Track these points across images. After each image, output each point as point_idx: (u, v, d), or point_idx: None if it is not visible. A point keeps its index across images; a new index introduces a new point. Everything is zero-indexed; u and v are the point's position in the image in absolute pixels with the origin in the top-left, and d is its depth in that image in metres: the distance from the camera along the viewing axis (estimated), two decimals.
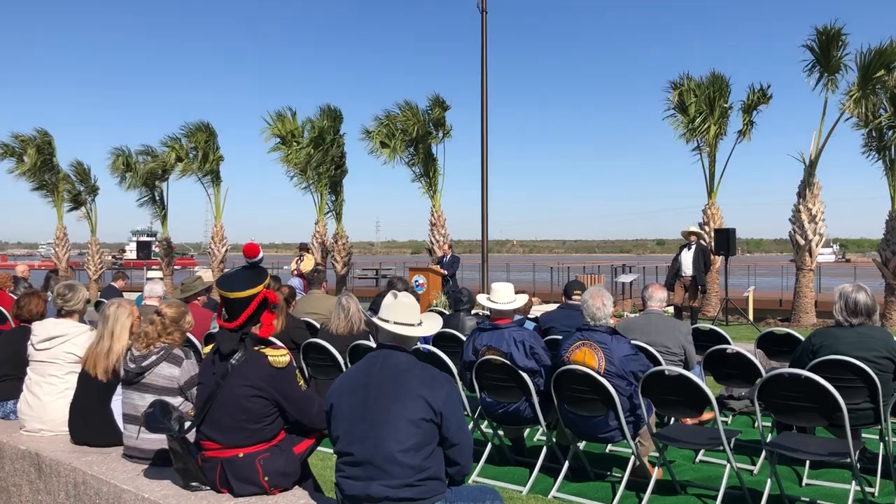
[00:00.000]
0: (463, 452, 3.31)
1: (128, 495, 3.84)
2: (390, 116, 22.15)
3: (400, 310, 3.48)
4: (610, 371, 5.03)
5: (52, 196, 26.95)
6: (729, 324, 15.68)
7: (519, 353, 5.42)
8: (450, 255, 17.17)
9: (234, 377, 3.62)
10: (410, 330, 3.45)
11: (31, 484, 4.63)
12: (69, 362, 4.92)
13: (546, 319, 7.19)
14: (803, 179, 16.60)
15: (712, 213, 18.91)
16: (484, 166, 16.16)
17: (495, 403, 5.61)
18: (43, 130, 26.22)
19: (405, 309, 3.49)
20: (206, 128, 25.09)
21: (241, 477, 3.63)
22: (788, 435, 5.02)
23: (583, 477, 5.50)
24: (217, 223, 25.61)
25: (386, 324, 3.46)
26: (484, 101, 15.97)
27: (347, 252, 24.14)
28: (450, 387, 3.31)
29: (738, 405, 7.17)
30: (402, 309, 3.49)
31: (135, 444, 4.23)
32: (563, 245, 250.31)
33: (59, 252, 27.43)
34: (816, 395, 4.41)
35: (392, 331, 3.44)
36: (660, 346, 6.06)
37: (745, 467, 5.76)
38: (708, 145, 18.89)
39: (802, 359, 5.30)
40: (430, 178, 22.47)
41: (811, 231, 16.41)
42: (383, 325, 3.46)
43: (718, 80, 18.84)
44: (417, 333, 3.48)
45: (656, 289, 6.52)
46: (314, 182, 23.37)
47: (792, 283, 17.32)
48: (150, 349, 4.24)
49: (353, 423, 3.24)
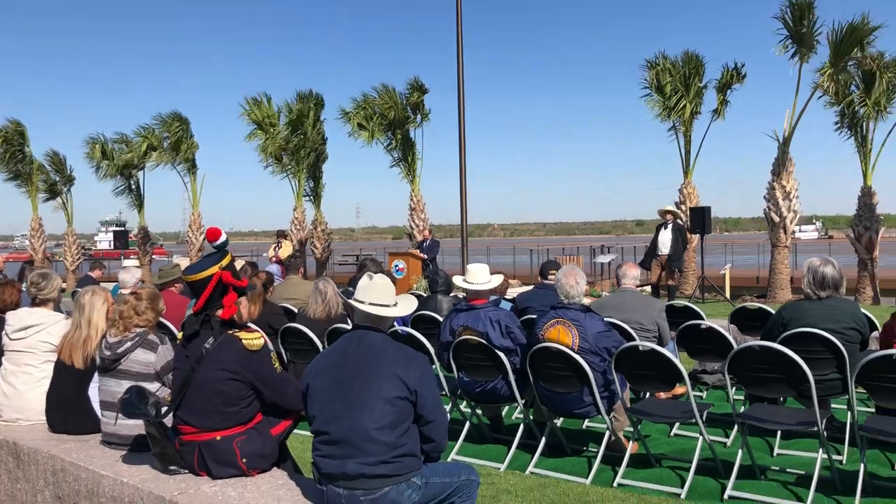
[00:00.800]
0: (438, 430, 3.37)
1: (107, 480, 3.86)
2: (368, 100, 22.09)
3: (375, 291, 3.52)
4: (584, 348, 5.10)
5: (27, 186, 26.66)
6: (706, 301, 15.87)
7: (495, 333, 5.48)
8: (430, 239, 17.21)
9: (209, 361, 3.65)
10: (385, 311, 3.49)
11: (10, 473, 4.63)
12: (45, 351, 4.91)
13: (522, 299, 7.25)
14: (777, 157, 16.77)
15: (688, 193, 19.08)
16: (462, 148, 16.17)
17: (472, 382, 5.67)
18: (15, 121, 25.99)
19: (380, 290, 3.53)
20: (179, 117, 24.89)
21: (219, 459, 3.65)
22: (759, 406, 5.13)
23: (560, 453, 5.59)
24: (194, 211, 25.48)
25: (361, 305, 3.49)
26: (460, 83, 15.95)
27: (327, 238, 24.10)
28: (424, 366, 3.35)
29: (712, 379, 7.29)
30: (377, 290, 3.52)
31: (113, 430, 4.24)
32: (543, 228, 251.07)
33: (34, 243, 27.18)
34: (784, 366, 4.51)
35: (367, 311, 3.47)
36: (634, 323, 6.14)
37: (719, 439, 5.87)
38: (683, 124, 19.05)
39: (773, 332, 5.41)
40: (409, 162, 22.46)
41: (786, 208, 16.60)
42: (359, 306, 3.50)
43: (693, 59, 18.98)
44: (392, 314, 3.52)
45: (630, 267, 6.60)
46: (291, 168, 23.28)
47: (769, 260, 17.53)
48: (125, 335, 4.24)
49: (329, 402, 3.28)
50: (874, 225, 17.10)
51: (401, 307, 3.61)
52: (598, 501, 4.61)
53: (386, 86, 21.97)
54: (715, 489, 4.76)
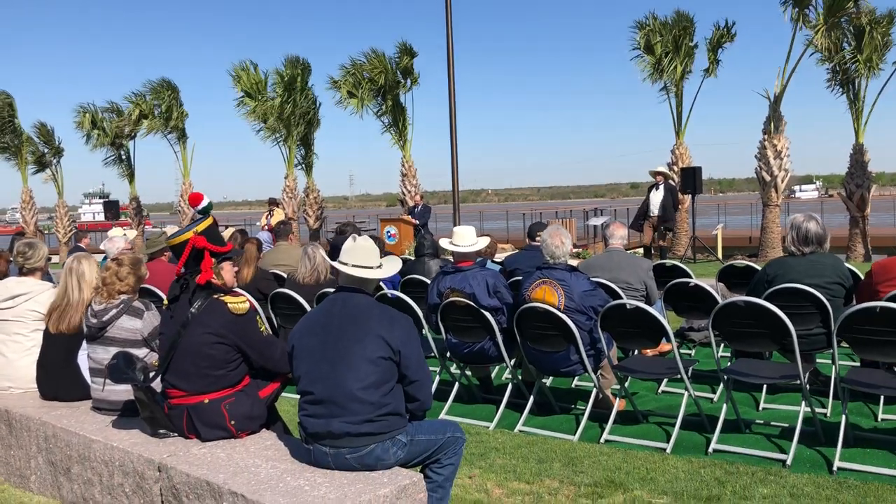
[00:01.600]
0: (422, 389, 3.41)
1: (97, 445, 3.90)
2: (356, 65, 21.86)
3: (358, 252, 3.53)
4: (570, 307, 5.14)
5: (16, 159, 26.46)
6: (697, 261, 15.93)
7: (481, 292, 5.50)
8: (421, 204, 17.20)
9: (195, 325, 3.68)
10: (368, 272, 3.51)
11: (3, 440, 4.68)
12: (34, 320, 4.93)
13: (511, 261, 7.27)
14: (768, 115, 16.73)
15: (680, 153, 19.06)
16: (452, 111, 16.08)
17: (461, 344, 5.71)
18: (4, 92, 25.62)
19: (363, 252, 3.54)
20: (169, 85, 24.62)
21: (208, 422, 3.70)
22: (743, 361, 5.19)
23: (548, 411, 5.66)
24: (185, 181, 25.39)
25: (344, 266, 3.51)
26: (449, 45, 15.80)
27: (320, 206, 24.05)
28: (408, 326, 3.38)
29: (699, 336, 7.35)
30: (361, 252, 3.54)
31: (102, 396, 4.28)
32: (537, 192, 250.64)
33: (26, 216, 27.07)
34: (767, 321, 4.55)
35: (350, 273, 3.49)
36: (622, 282, 6.17)
37: (706, 395, 5.95)
38: (674, 85, 18.95)
39: (758, 288, 5.44)
40: (400, 128, 22.33)
41: (777, 167, 16.60)
42: (342, 268, 3.52)
43: (683, 18, 18.83)
44: (374, 275, 3.53)
45: (617, 227, 6.61)
46: (282, 135, 23.13)
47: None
48: (109, 301, 4.26)
49: (314, 363, 3.31)
50: (865, 182, 17.13)
51: (384, 269, 3.63)
52: (584, 457, 4.68)
53: (375, 50, 21.76)
54: (700, 443, 4.83)
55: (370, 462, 3.21)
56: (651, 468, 4.44)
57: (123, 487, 3.73)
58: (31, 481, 4.47)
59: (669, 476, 4.31)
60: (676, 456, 4.65)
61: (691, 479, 4.23)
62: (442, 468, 3.45)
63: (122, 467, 3.74)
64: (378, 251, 3.64)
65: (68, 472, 4.12)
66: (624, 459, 4.62)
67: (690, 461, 4.54)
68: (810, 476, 4.22)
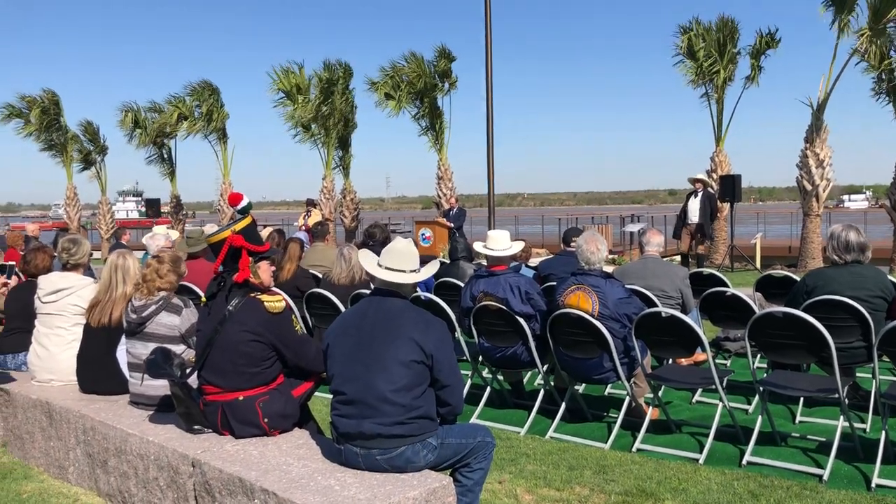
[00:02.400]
0: (455, 393, 3.41)
1: (133, 439, 3.98)
2: (396, 68, 21.97)
3: (394, 256, 3.53)
4: (604, 314, 5.10)
5: (62, 156, 27.02)
6: (735, 270, 15.71)
7: (515, 299, 5.49)
8: (456, 207, 17.23)
9: (232, 323, 3.73)
10: (401, 276, 3.48)
11: (44, 431, 4.79)
12: (75, 314, 5.04)
13: (545, 266, 7.25)
14: (811, 124, 16.41)
15: (720, 161, 18.80)
16: (489, 116, 16.08)
17: (493, 348, 5.71)
18: (50, 91, 26.17)
19: (398, 256, 3.53)
20: (209, 86, 24.99)
21: (242, 419, 3.75)
22: (780, 373, 5.10)
23: (580, 418, 5.63)
24: (225, 181, 25.73)
25: (378, 270, 3.52)
26: (488, 49, 15.80)
27: (356, 207, 24.20)
28: (442, 331, 3.38)
29: (735, 347, 7.25)
30: (396, 255, 3.52)
31: (140, 390, 4.36)
32: (574, 197, 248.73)
33: (70, 212, 27.63)
34: (805, 333, 4.48)
35: (383, 277, 3.50)
36: (657, 290, 6.11)
37: (741, 406, 5.87)
38: (716, 91, 18.71)
39: (797, 299, 5.36)
40: (437, 131, 22.38)
41: (818, 176, 16.29)
42: (375, 271, 3.52)
43: (727, 24, 18.57)
44: (406, 280, 3.50)
45: (653, 234, 6.55)
46: (320, 137, 23.34)
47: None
48: (149, 298, 4.34)
49: (347, 363, 3.33)
50: None
51: (422, 273, 3.61)
52: (615, 465, 4.65)
53: (414, 53, 21.86)
54: (734, 455, 4.77)
55: (400, 464, 3.22)
56: (683, 479, 4.39)
57: (158, 481, 3.79)
58: (69, 472, 4.57)
59: (702, 487, 4.25)
60: (709, 467, 4.59)
61: (724, 491, 4.18)
62: (472, 472, 3.44)
63: (157, 461, 3.80)
64: (417, 255, 3.62)
65: (105, 464, 4.20)
66: (656, 469, 4.57)
67: (724, 473, 4.48)
68: (847, 492, 4.13)
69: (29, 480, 4.66)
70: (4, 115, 25.69)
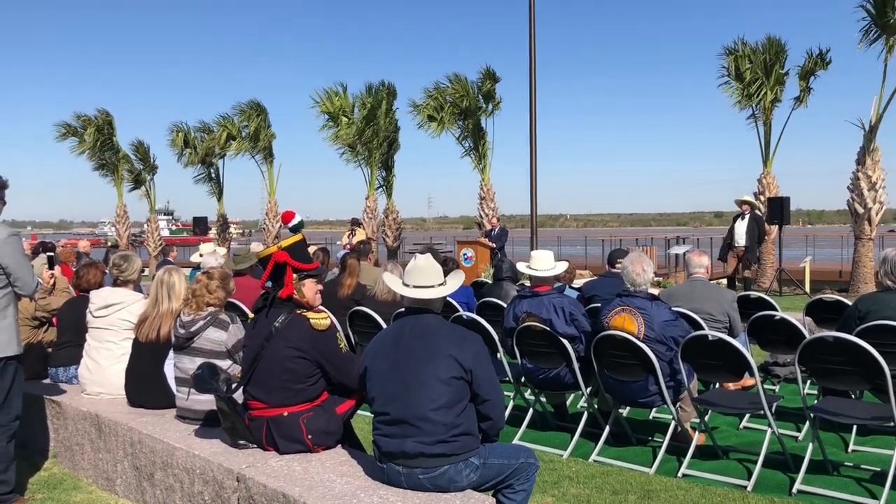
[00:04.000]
0: (495, 408, 3.39)
1: (180, 453, 4.03)
2: (439, 89, 22.14)
3: (415, 273, 3.55)
4: (649, 336, 5.04)
5: (113, 175, 27.68)
6: (783, 294, 15.39)
7: (559, 320, 5.46)
8: (498, 227, 17.20)
9: (278, 339, 3.76)
10: (429, 292, 3.51)
11: (93, 443, 4.88)
12: (124, 329, 5.15)
13: (589, 288, 7.20)
14: (862, 146, 16.09)
15: (767, 183, 18.49)
16: (532, 136, 16.07)
17: (536, 369, 5.67)
18: (104, 111, 26.90)
19: (419, 272, 3.55)
20: (257, 106, 25.47)
21: (286, 435, 3.77)
22: (832, 400, 4.97)
23: (624, 442, 5.55)
24: (271, 199, 26.11)
25: (405, 289, 3.54)
26: (532, 71, 15.83)
27: (398, 227, 24.34)
28: (478, 345, 3.38)
29: (784, 372, 7.08)
30: (417, 273, 3.55)
31: (186, 405, 4.42)
32: (617, 219, 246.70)
33: (119, 229, 28.27)
34: (859, 358, 4.36)
35: (410, 295, 3.51)
36: (704, 313, 6.01)
37: (790, 433, 5.72)
38: (763, 112, 18.45)
39: (849, 324, 5.23)
40: (480, 151, 22.45)
41: (871, 199, 15.93)
42: (402, 290, 3.54)
43: (774, 44, 18.33)
44: (436, 294, 3.52)
45: (698, 255, 6.44)
46: (364, 157, 23.57)
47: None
48: (197, 313, 4.41)
49: (387, 383, 3.34)
50: None
51: (447, 285, 3.61)
52: (661, 491, 4.56)
53: (457, 74, 22.02)
54: (783, 483, 4.65)
55: (443, 483, 3.20)
56: None
57: (203, 495, 3.83)
58: (116, 485, 4.64)
59: None
60: (758, 494, 4.49)
61: None
62: (514, 493, 3.42)
63: (202, 475, 3.84)
64: (439, 267, 3.63)
65: (151, 477, 4.26)
66: (702, 495, 4.48)
67: (773, 501, 4.37)
68: None
69: (78, 491, 4.75)
70: (61, 133, 26.43)
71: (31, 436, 5.47)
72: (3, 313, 4.30)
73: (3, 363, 4.33)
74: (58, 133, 26.43)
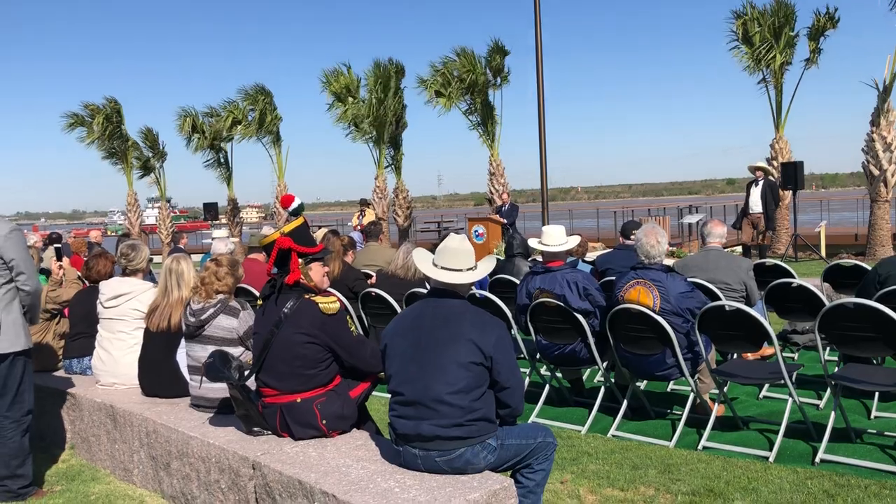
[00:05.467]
0: (514, 395, 3.33)
1: (195, 441, 4.01)
2: (447, 64, 21.88)
3: (447, 255, 3.45)
4: (665, 309, 4.96)
5: (122, 164, 27.66)
6: (799, 260, 15.24)
7: (572, 295, 5.38)
8: (508, 203, 17.13)
9: (288, 325, 3.72)
10: (458, 276, 3.40)
11: (109, 434, 4.88)
12: (136, 319, 5.12)
13: (603, 261, 7.11)
14: (877, 106, 15.83)
15: (780, 148, 18.26)
16: (541, 110, 15.91)
17: (551, 345, 5.61)
18: (112, 99, 26.75)
19: (451, 254, 3.44)
20: (262, 90, 25.32)
21: (300, 421, 3.74)
22: (853, 367, 4.89)
23: (643, 416, 5.50)
24: (280, 183, 26.08)
25: (434, 270, 3.45)
26: (538, 44, 15.63)
27: (409, 206, 24.25)
28: (501, 331, 3.30)
29: (803, 339, 6.99)
30: (449, 254, 3.45)
31: (200, 393, 4.40)
32: (629, 189, 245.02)
33: (131, 218, 28.33)
34: (880, 324, 4.27)
35: (437, 277, 3.44)
36: (720, 282, 5.92)
37: (811, 402, 5.65)
38: (774, 76, 18.18)
39: (868, 289, 5.15)
40: (488, 126, 22.27)
41: (886, 160, 15.70)
42: (430, 272, 3.46)
43: (783, 6, 18.00)
44: (465, 279, 3.42)
45: (714, 224, 6.34)
46: (372, 137, 23.42)
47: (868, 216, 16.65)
48: (207, 301, 4.37)
49: (405, 364, 3.29)
50: None
51: (478, 271, 3.53)
52: (681, 464, 4.51)
53: (465, 49, 21.69)
54: (806, 452, 4.59)
55: (460, 466, 3.16)
56: (753, 478, 4.23)
57: (220, 484, 3.81)
58: (134, 475, 4.64)
59: (773, 486, 4.09)
60: (780, 465, 4.43)
61: (797, 491, 4.01)
62: (533, 473, 3.37)
63: (218, 464, 3.82)
64: (471, 249, 3.55)
65: (168, 466, 4.25)
66: (723, 468, 4.42)
67: (796, 471, 4.30)
68: None
69: (96, 482, 4.75)
70: (69, 124, 26.34)
71: (47, 428, 5.47)
72: (9, 308, 4.27)
73: (11, 358, 4.30)
74: (66, 123, 26.37)
